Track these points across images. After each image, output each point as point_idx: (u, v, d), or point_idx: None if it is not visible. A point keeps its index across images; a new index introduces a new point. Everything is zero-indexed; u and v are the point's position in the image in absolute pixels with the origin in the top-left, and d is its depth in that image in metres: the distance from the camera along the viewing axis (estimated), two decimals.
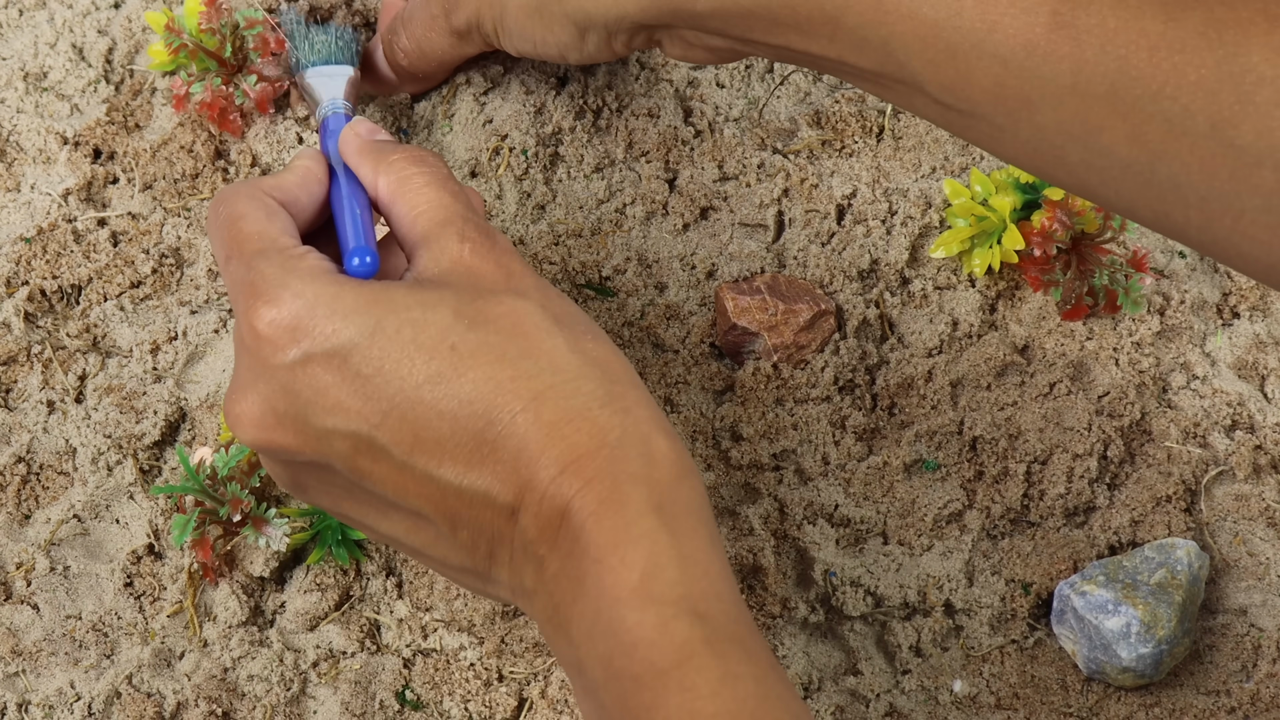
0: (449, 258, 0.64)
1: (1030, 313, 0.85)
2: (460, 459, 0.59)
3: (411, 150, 0.69)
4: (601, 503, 0.57)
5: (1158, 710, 0.75)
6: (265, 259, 0.63)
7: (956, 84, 0.65)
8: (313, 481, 0.65)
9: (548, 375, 0.60)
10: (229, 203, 0.66)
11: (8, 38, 0.95)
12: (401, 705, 0.74)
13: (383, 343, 0.60)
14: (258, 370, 0.61)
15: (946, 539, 0.79)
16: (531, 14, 0.77)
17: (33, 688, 0.75)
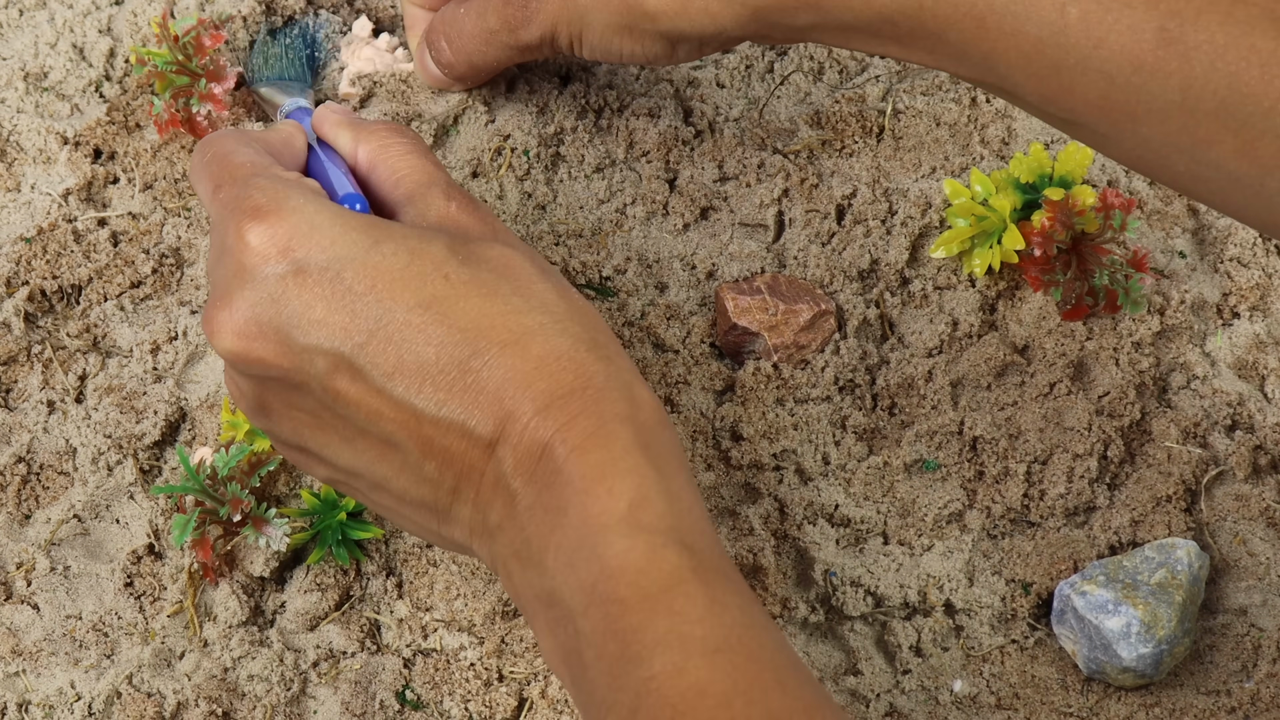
0: (436, 212, 0.65)
1: (1030, 313, 0.85)
2: (442, 386, 0.59)
3: (388, 122, 0.69)
4: (587, 437, 0.58)
5: (1158, 710, 0.75)
6: (263, 178, 0.63)
7: (1060, 97, 0.65)
8: (279, 403, 0.64)
9: (537, 314, 0.60)
10: (216, 142, 0.67)
11: (8, 38, 0.95)
12: (401, 705, 0.74)
13: (378, 262, 0.60)
14: (244, 279, 0.61)
15: (947, 539, 0.79)
16: (619, 31, 0.76)
17: (33, 688, 0.75)
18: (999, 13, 0.66)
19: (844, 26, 0.70)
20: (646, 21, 0.75)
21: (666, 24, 0.74)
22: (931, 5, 0.67)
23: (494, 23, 0.80)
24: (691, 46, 0.76)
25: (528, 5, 0.79)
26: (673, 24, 0.74)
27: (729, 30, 0.74)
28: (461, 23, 0.82)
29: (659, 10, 0.74)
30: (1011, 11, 0.65)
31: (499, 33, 0.81)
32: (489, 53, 0.82)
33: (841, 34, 0.71)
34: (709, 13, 0.73)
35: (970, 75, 0.69)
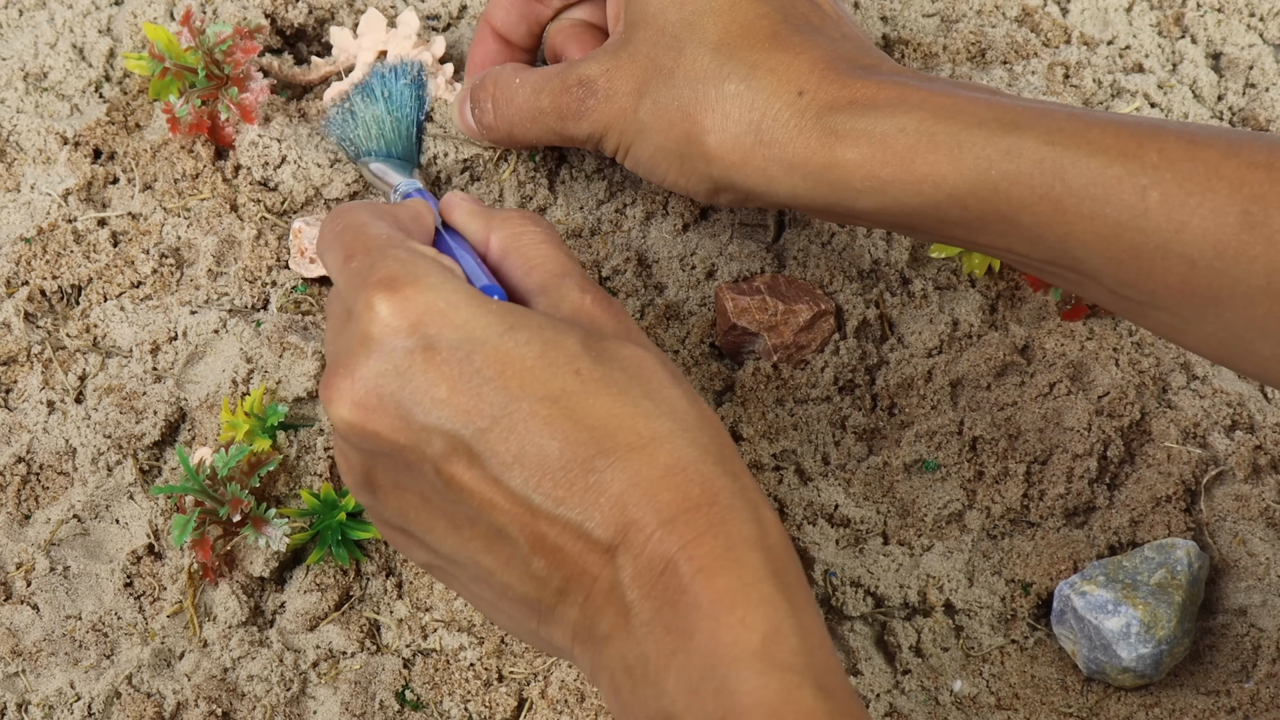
0: (570, 305, 0.63)
1: (1030, 313, 0.85)
2: (562, 483, 0.57)
3: (521, 210, 0.67)
4: (716, 559, 0.56)
5: (1158, 710, 0.75)
6: (401, 249, 0.62)
7: (1139, 281, 0.64)
8: (387, 481, 0.62)
9: (667, 420, 0.58)
10: (350, 213, 0.65)
11: (8, 38, 0.95)
12: (401, 705, 0.74)
13: (510, 349, 0.59)
14: (370, 349, 0.59)
15: (946, 539, 0.79)
16: (670, 158, 0.74)
17: (33, 688, 0.75)
18: (1077, 196, 0.64)
19: (908, 211, 0.68)
20: (701, 160, 0.72)
21: (720, 170, 0.72)
22: (1006, 188, 0.65)
23: (546, 104, 0.77)
24: (735, 197, 0.74)
25: (585, 101, 0.75)
26: (725, 172, 0.72)
27: (779, 197, 0.71)
28: (513, 91, 0.80)
29: (718, 154, 0.72)
30: (1090, 195, 0.64)
31: (548, 115, 0.78)
32: (532, 130, 0.79)
33: (904, 218, 0.69)
34: (766, 175, 0.71)
35: (1041, 258, 0.67)
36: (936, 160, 0.67)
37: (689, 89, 0.72)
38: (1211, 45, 0.97)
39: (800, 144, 0.70)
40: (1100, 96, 0.93)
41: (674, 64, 0.73)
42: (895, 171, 0.68)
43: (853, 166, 0.68)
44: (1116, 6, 0.98)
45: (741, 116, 0.71)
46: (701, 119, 0.72)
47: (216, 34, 0.86)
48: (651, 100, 0.73)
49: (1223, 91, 0.95)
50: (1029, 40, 0.94)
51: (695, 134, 0.72)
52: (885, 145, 0.68)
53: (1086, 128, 0.65)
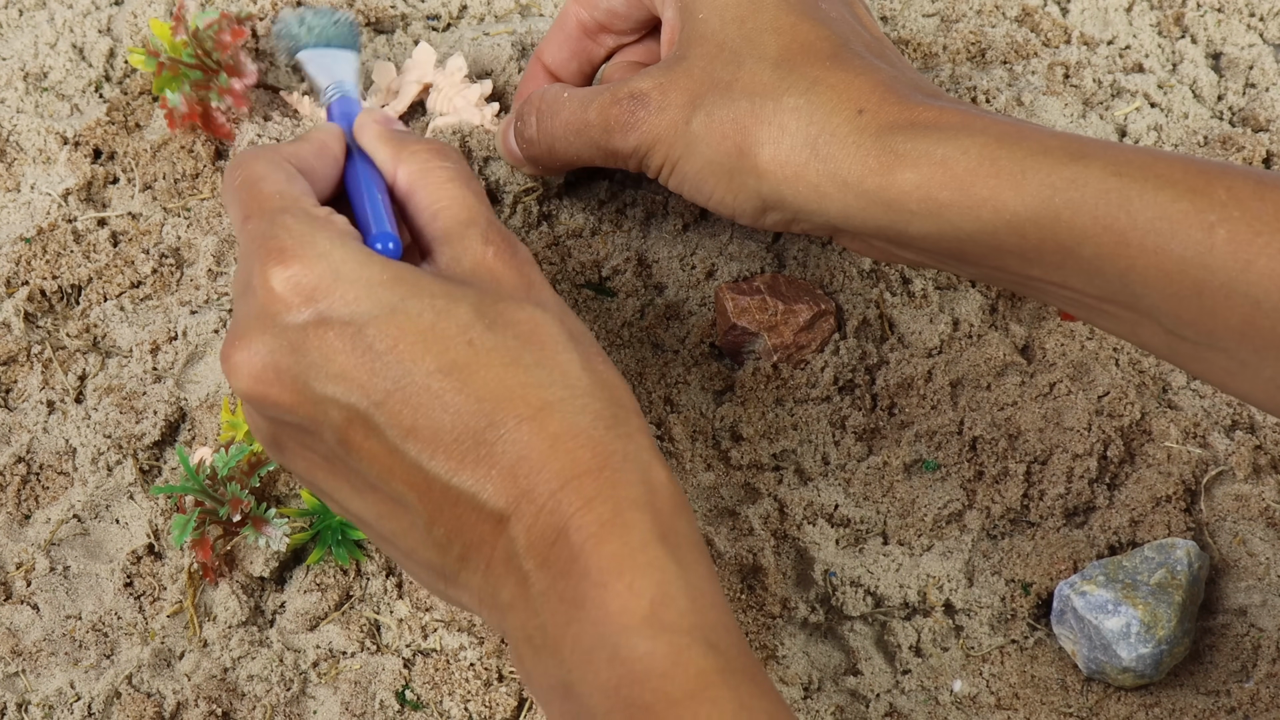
0: (471, 258, 0.63)
1: (1030, 313, 0.85)
2: (455, 454, 0.58)
3: (433, 142, 0.67)
4: (603, 525, 0.56)
5: (1158, 710, 0.75)
6: (290, 215, 0.62)
7: (1200, 320, 0.63)
8: (294, 444, 0.64)
9: (558, 388, 0.59)
10: (247, 165, 0.65)
11: (8, 38, 0.95)
12: (401, 705, 0.74)
13: (402, 322, 0.59)
14: (265, 323, 0.60)
15: (946, 539, 0.79)
16: (719, 172, 0.72)
17: (33, 688, 0.75)
18: (1142, 229, 0.62)
19: (963, 237, 0.67)
20: (752, 175, 0.71)
21: (770, 186, 0.71)
22: (1069, 217, 0.64)
23: (594, 116, 0.75)
24: (783, 217, 0.72)
25: (635, 112, 0.73)
26: (775, 188, 0.70)
27: (829, 216, 0.70)
28: (560, 104, 0.77)
29: (770, 169, 0.70)
30: (1155, 229, 0.62)
31: (594, 128, 0.75)
32: (574, 144, 0.77)
33: (957, 245, 0.67)
34: (819, 191, 0.69)
35: (1096, 294, 0.65)
36: (998, 185, 0.65)
37: (746, 101, 0.71)
38: (1211, 45, 0.97)
39: (857, 161, 0.68)
40: (1100, 96, 0.93)
41: (732, 78, 0.72)
42: (954, 195, 0.66)
43: (910, 187, 0.67)
44: (1116, 6, 0.98)
45: (798, 130, 0.70)
46: (757, 131, 0.70)
47: (204, 20, 0.86)
48: (705, 113, 0.72)
49: (1223, 91, 0.95)
50: (1029, 40, 0.94)
51: (748, 147, 0.71)
52: (945, 168, 0.66)
53: (1154, 161, 0.64)
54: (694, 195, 0.74)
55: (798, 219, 0.72)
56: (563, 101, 0.77)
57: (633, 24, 0.81)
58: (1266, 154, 0.90)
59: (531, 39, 0.93)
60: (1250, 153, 0.90)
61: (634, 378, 0.82)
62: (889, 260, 0.73)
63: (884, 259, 0.74)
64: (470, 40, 0.93)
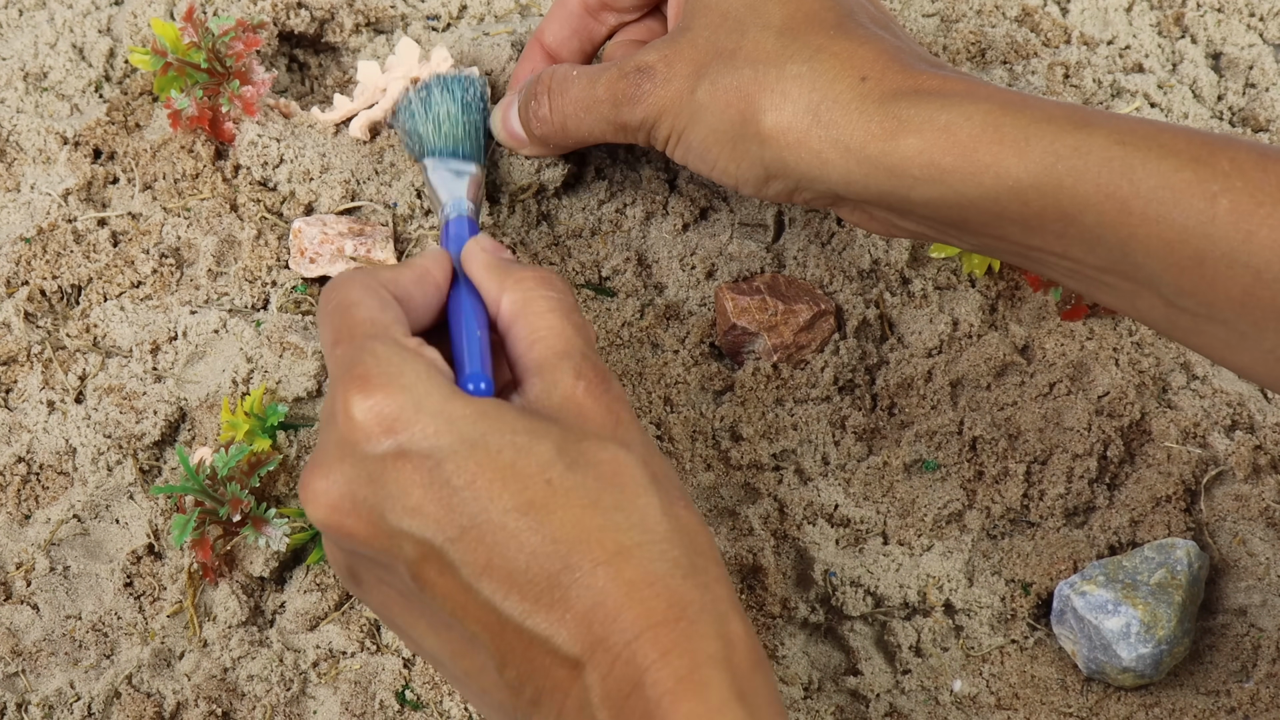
0: (561, 393, 0.62)
1: (1030, 313, 0.85)
2: (530, 596, 0.57)
3: (540, 271, 0.66)
4: (680, 681, 0.55)
5: (1158, 710, 0.75)
6: (379, 342, 0.61)
7: (1199, 289, 0.63)
8: (370, 577, 0.63)
9: (636, 533, 0.58)
10: (342, 290, 0.64)
11: (8, 38, 0.95)
12: (401, 705, 0.74)
13: (481, 458, 0.58)
14: (345, 452, 0.59)
15: (946, 539, 0.79)
16: (723, 140, 0.72)
17: (33, 688, 0.75)
18: (1144, 198, 0.63)
19: (964, 203, 0.67)
20: (755, 142, 0.71)
21: (773, 152, 0.71)
22: (1071, 184, 0.64)
23: (602, 92, 0.76)
24: (786, 186, 0.72)
25: (640, 85, 0.74)
26: (778, 155, 0.71)
27: (831, 183, 0.70)
28: (570, 82, 0.78)
29: (773, 135, 0.70)
30: (1158, 198, 0.62)
31: (603, 103, 0.76)
32: (585, 121, 0.77)
33: (958, 211, 0.67)
34: (821, 158, 0.69)
35: (1096, 264, 0.66)
36: (1001, 152, 0.65)
37: (750, 69, 0.71)
38: (1211, 45, 0.97)
39: (860, 127, 0.68)
40: (1100, 96, 0.93)
41: (735, 46, 0.72)
42: (956, 161, 0.66)
43: (913, 153, 0.67)
44: (1116, 6, 0.98)
45: (801, 97, 0.70)
46: (760, 98, 0.71)
47: (220, 26, 0.86)
48: (710, 81, 0.72)
49: (1223, 91, 0.95)
50: (1029, 40, 0.94)
51: (752, 114, 0.71)
52: (949, 133, 0.66)
53: (1158, 131, 0.64)
54: (699, 165, 0.74)
55: (800, 187, 0.72)
56: (572, 79, 0.78)
57: (635, 1, 0.82)
58: None
59: None
60: None
61: (634, 378, 0.82)
62: (889, 233, 0.73)
63: (884, 231, 0.73)
64: (470, 40, 0.92)
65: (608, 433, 0.61)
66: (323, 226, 0.84)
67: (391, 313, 0.64)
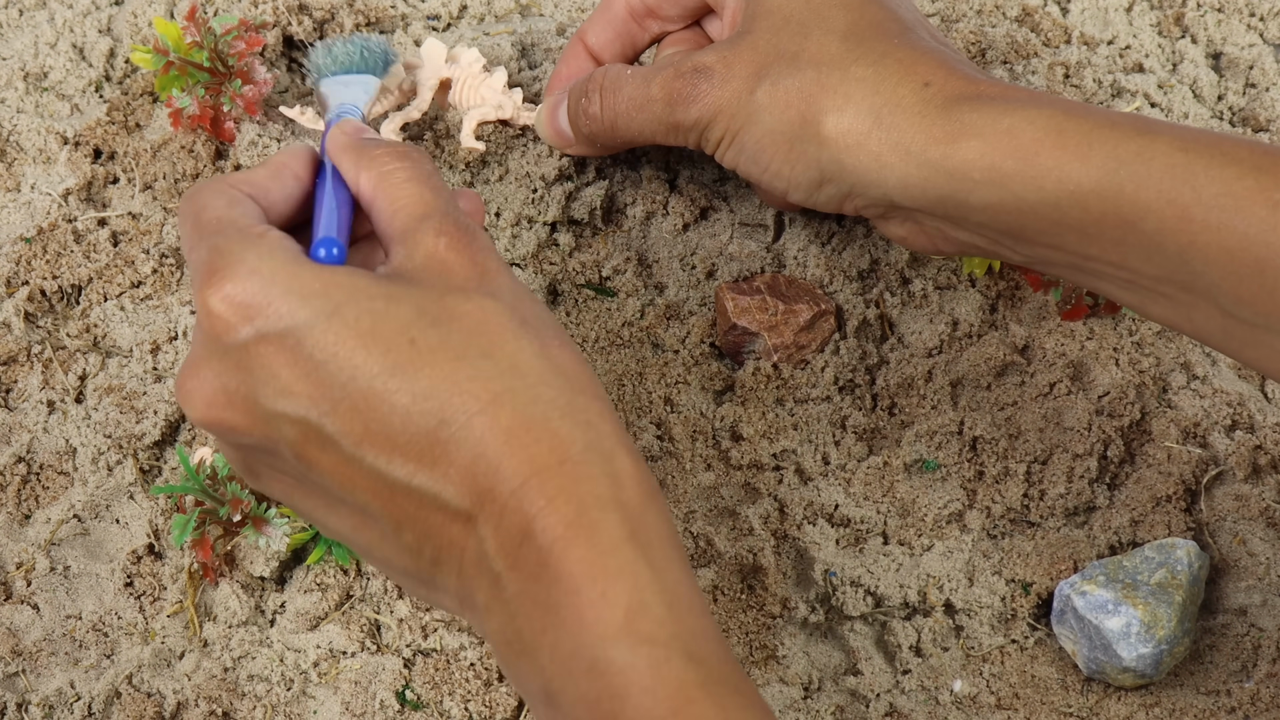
0: (423, 251, 0.62)
1: (1030, 313, 0.85)
2: (411, 456, 0.57)
3: (394, 145, 0.66)
4: (569, 526, 0.55)
5: (1158, 710, 0.75)
6: (223, 236, 0.61)
7: (1258, 299, 0.62)
8: (263, 467, 0.63)
9: (508, 378, 0.57)
10: (193, 197, 0.64)
11: (8, 38, 0.95)
12: (402, 705, 0.74)
13: (339, 328, 0.58)
14: (211, 347, 0.60)
15: (947, 539, 0.79)
16: (780, 141, 0.72)
17: (33, 688, 0.75)
18: (1206, 205, 0.62)
19: (1024, 208, 0.66)
20: (814, 144, 0.71)
21: (830, 154, 0.71)
22: (1133, 191, 0.64)
23: (657, 91, 0.76)
24: (839, 191, 0.72)
25: (697, 85, 0.74)
26: (836, 157, 0.71)
27: (888, 189, 0.70)
28: (623, 81, 0.78)
29: (833, 137, 0.70)
30: (1220, 205, 0.62)
31: (657, 102, 0.76)
32: (636, 120, 0.77)
33: (1018, 216, 0.67)
34: (880, 160, 0.69)
35: (1154, 273, 0.65)
36: (1063, 156, 0.65)
37: (813, 71, 0.71)
38: (1211, 45, 0.97)
39: (922, 130, 0.68)
40: (1100, 96, 0.93)
41: (799, 48, 0.72)
42: (1018, 165, 0.66)
43: (974, 156, 0.67)
44: (1116, 6, 0.98)
45: (864, 100, 0.70)
46: (822, 100, 0.71)
47: (222, 26, 0.86)
48: (770, 82, 0.72)
49: (1223, 91, 0.95)
50: (1029, 40, 0.94)
51: (812, 115, 0.71)
52: (1011, 137, 0.66)
53: (1220, 139, 0.64)
54: (750, 168, 0.74)
55: (854, 192, 0.72)
56: (626, 78, 0.78)
57: (681, 10, 0.81)
58: None
59: (532, 39, 0.93)
60: None
61: (634, 378, 0.82)
62: (936, 249, 0.73)
63: (931, 246, 0.73)
64: (470, 40, 0.93)
65: (473, 285, 0.60)
66: None
67: (240, 208, 0.63)
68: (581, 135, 0.81)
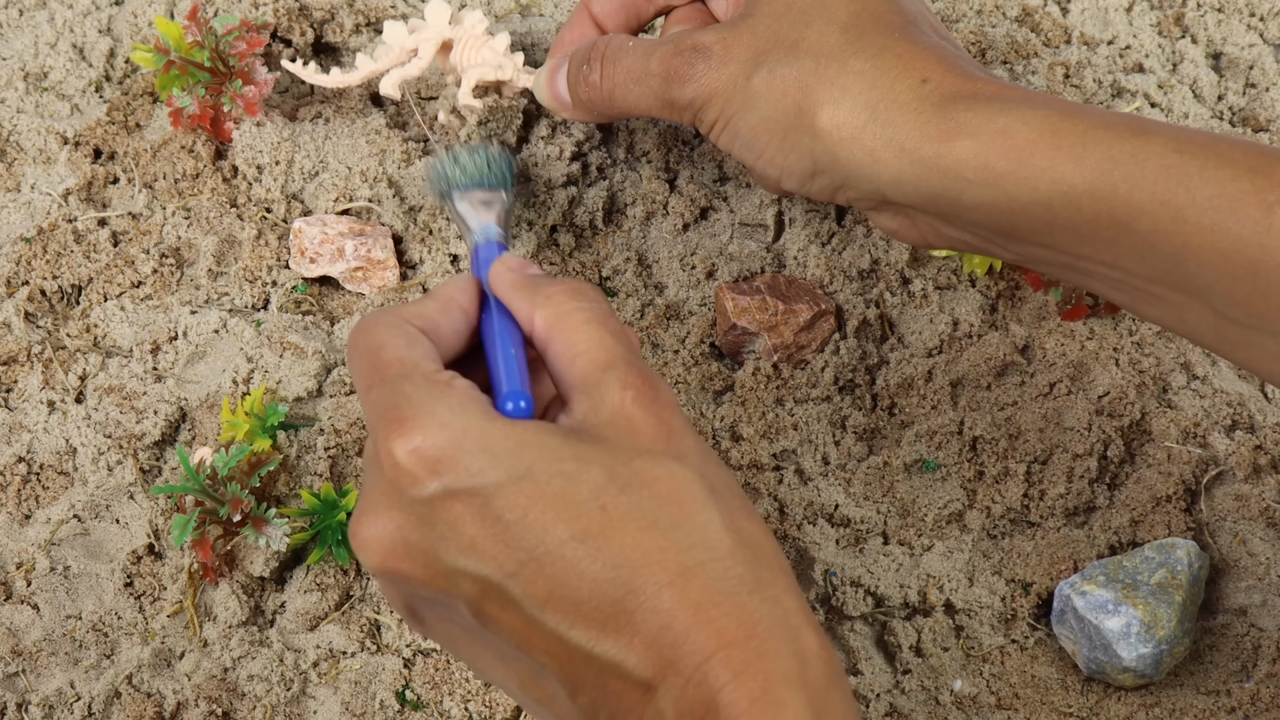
0: (609, 407, 0.60)
1: (1030, 313, 0.85)
2: (595, 623, 0.56)
3: (569, 283, 0.64)
4: (754, 702, 0.54)
5: (1158, 710, 0.75)
6: (410, 383, 0.60)
7: (1251, 300, 0.63)
8: (431, 615, 0.62)
9: (699, 551, 0.57)
10: (368, 332, 0.63)
11: (8, 38, 0.95)
12: (402, 705, 0.74)
13: (530, 490, 0.57)
14: (393, 497, 0.58)
15: (947, 539, 0.79)
16: (774, 130, 0.72)
17: (33, 688, 0.75)
18: (1200, 206, 0.62)
19: (1017, 209, 0.66)
20: (808, 135, 0.71)
21: (824, 146, 0.70)
22: (1127, 192, 0.64)
23: (655, 66, 0.75)
24: (831, 183, 0.72)
25: (694, 64, 0.73)
26: (829, 149, 0.70)
27: (880, 184, 0.70)
28: (624, 52, 0.77)
29: (827, 129, 0.70)
30: (1214, 206, 0.62)
31: (654, 77, 0.75)
32: (633, 92, 0.76)
33: (1010, 216, 0.67)
34: (873, 155, 0.69)
35: (1146, 274, 0.65)
36: (1058, 157, 0.65)
37: (811, 61, 0.71)
38: (1211, 45, 0.97)
39: (917, 127, 0.68)
40: (1100, 96, 0.93)
41: (798, 37, 0.72)
42: (1012, 165, 0.66)
43: (968, 155, 0.67)
44: (1116, 6, 0.98)
45: (861, 93, 0.70)
46: (818, 91, 0.70)
47: (224, 26, 0.86)
48: (768, 69, 0.72)
49: (1223, 91, 0.95)
50: (1029, 40, 0.94)
51: (808, 106, 0.71)
52: (1006, 137, 0.67)
53: (1215, 141, 0.64)
54: (744, 153, 0.74)
55: (846, 185, 0.72)
56: (627, 49, 0.77)
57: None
58: None
59: (532, 39, 0.93)
60: None
61: None
62: (928, 243, 0.73)
63: (923, 241, 0.73)
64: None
65: (660, 447, 0.59)
66: (323, 226, 0.84)
67: (420, 348, 0.62)
68: (579, 101, 0.80)
